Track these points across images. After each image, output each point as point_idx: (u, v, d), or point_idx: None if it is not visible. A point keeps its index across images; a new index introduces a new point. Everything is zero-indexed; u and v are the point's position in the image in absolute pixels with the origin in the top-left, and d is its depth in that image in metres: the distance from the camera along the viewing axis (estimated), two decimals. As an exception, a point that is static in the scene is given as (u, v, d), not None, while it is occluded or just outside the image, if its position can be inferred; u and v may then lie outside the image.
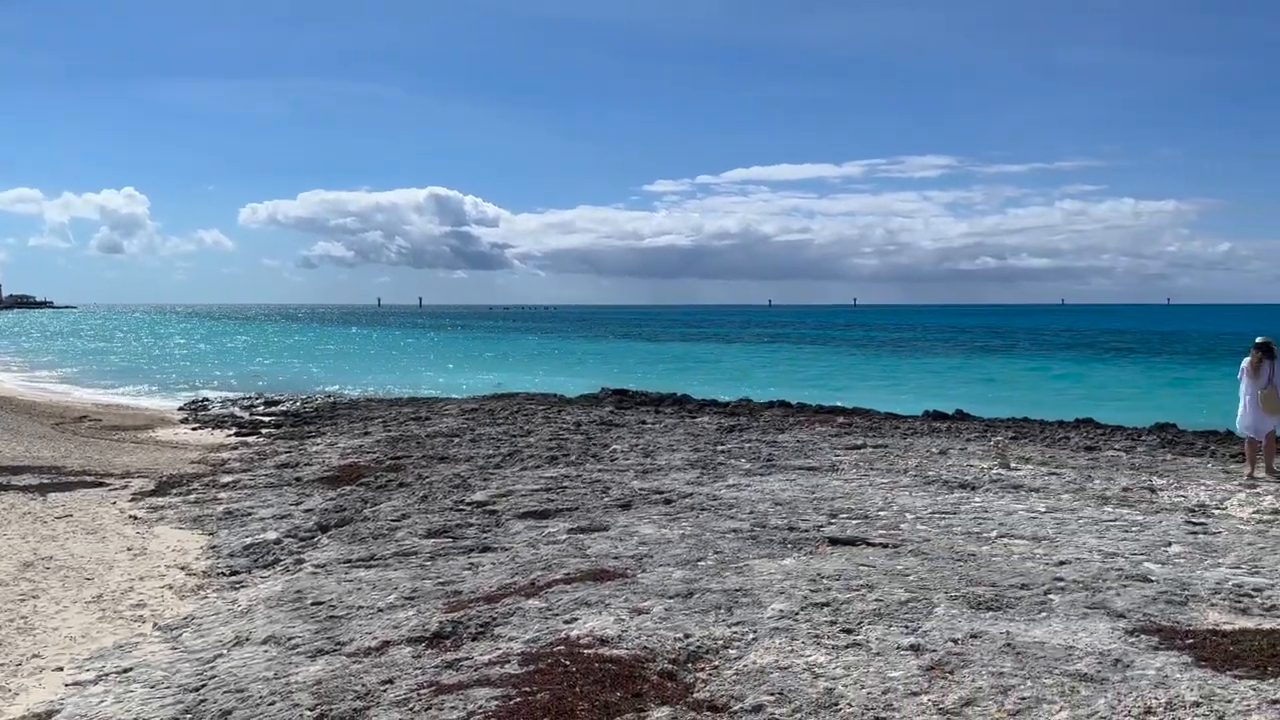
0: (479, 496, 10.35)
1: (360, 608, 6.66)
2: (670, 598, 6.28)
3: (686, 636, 5.48)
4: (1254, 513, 9.55)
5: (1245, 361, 12.41)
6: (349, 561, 8.10)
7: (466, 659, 5.37)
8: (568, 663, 5.11)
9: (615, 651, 5.29)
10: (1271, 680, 4.71)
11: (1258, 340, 12.41)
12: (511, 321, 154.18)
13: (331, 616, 6.53)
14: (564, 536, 8.45)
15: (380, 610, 6.55)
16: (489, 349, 70.86)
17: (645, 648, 5.33)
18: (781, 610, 5.94)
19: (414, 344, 78.30)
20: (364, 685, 5.09)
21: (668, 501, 9.88)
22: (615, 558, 7.56)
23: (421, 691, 4.92)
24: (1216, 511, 9.65)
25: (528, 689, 4.77)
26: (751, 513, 9.28)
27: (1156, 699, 4.49)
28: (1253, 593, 6.44)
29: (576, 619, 5.91)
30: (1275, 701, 4.44)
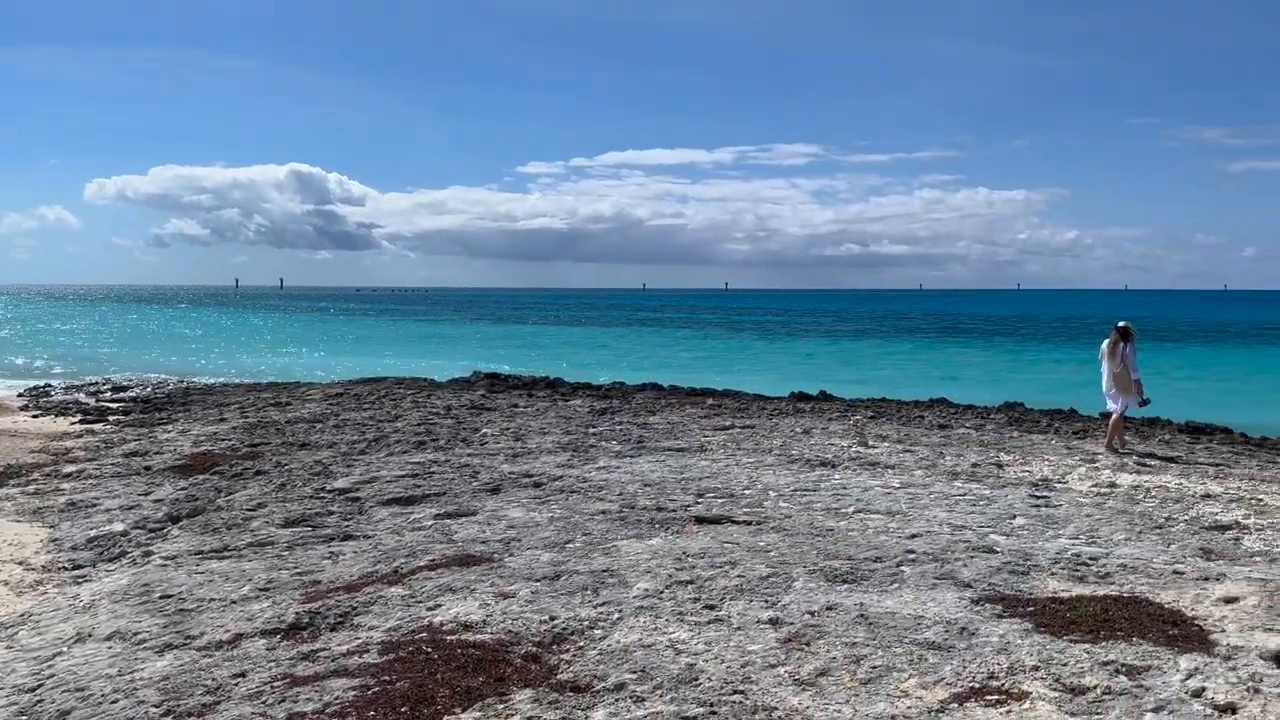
0: (341, 484, 10.07)
1: (212, 600, 6.40)
2: (537, 581, 6.25)
3: (552, 619, 5.47)
4: (1092, 486, 10.16)
5: (1105, 343, 13.39)
6: (201, 553, 7.76)
7: (324, 650, 5.23)
8: (429, 650, 5.03)
9: (479, 637, 5.23)
10: (1104, 643, 5.02)
11: (1118, 324, 13.37)
12: (380, 304, 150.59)
13: (181, 610, 6.24)
14: (430, 522, 8.31)
15: (233, 602, 6.30)
16: (355, 332, 69.05)
17: (510, 632, 5.29)
18: (647, 589, 6.00)
19: (275, 327, 75.63)
20: (214, 679, 4.89)
21: (538, 485, 9.83)
22: (483, 542, 7.48)
23: (275, 684, 4.76)
24: (1058, 485, 10.21)
25: (387, 678, 4.67)
26: (621, 494, 9.32)
27: (999, 664, 4.72)
28: (1089, 561, 6.85)
29: (440, 605, 5.83)
30: (1107, 663, 4.73)
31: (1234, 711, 4.22)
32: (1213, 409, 20.96)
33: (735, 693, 4.39)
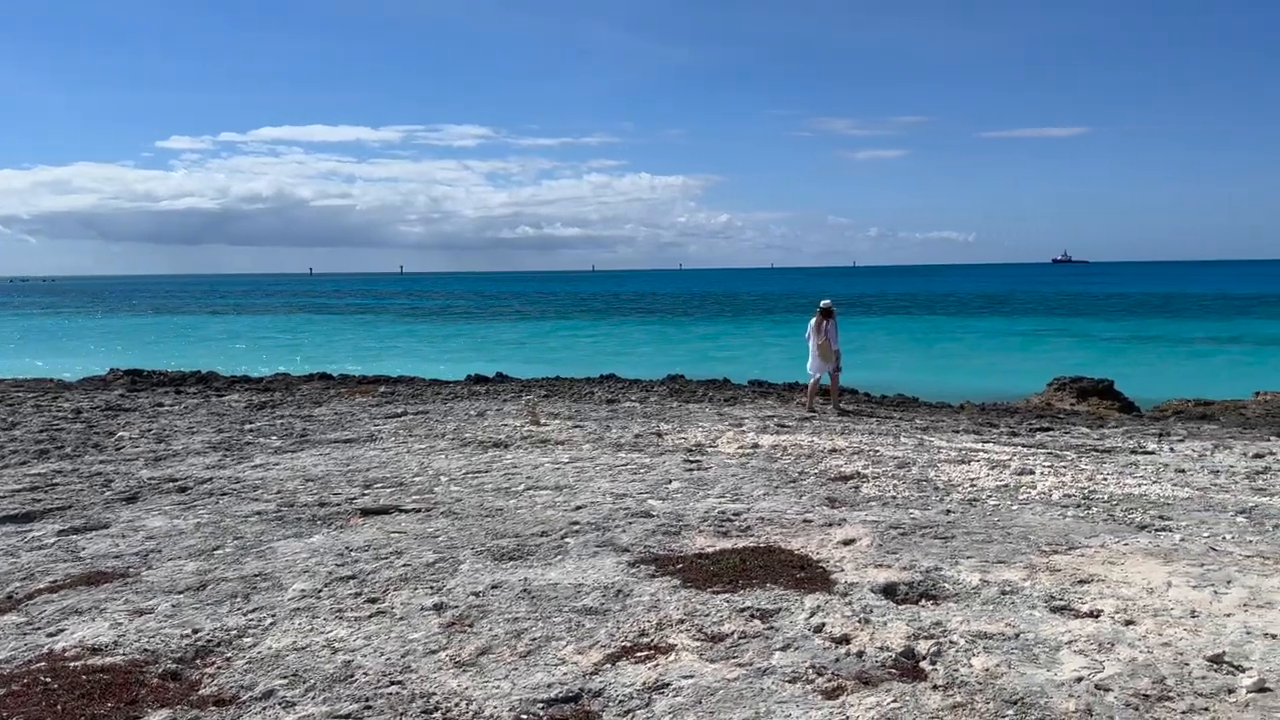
0: (-60, 504, 8.71)
1: None
2: (179, 593, 5.77)
3: (195, 632, 5.07)
4: (739, 449, 11.01)
5: (812, 320, 15.32)
6: None
7: (-88, 697, 4.50)
8: (49, 680, 4.49)
9: (109, 659, 4.74)
10: (742, 592, 5.47)
11: (821, 304, 15.40)
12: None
13: None
14: (52, 540, 7.40)
15: None
16: (-34, 330, 60.11)
17: (146, 650, 4.84)
18: (304, 590, 5.73)
19: None
20: None
21: (183, 489, 9.07)
22: (116, 557, 6.78)
23: None
24: (710, 450, 10.97)
25: (-8, 719, 4.11)
26: (279, 492, 8.83)
27: (649, 621, 5.00)
28: (732, 517, 7.43)
29: (64, 630, 5.22)
30: (743, 610, 5.15)
31: (848, 641, 4.75)
32: (844, 373, 23.48)
33: (393, 684, 4.31)
